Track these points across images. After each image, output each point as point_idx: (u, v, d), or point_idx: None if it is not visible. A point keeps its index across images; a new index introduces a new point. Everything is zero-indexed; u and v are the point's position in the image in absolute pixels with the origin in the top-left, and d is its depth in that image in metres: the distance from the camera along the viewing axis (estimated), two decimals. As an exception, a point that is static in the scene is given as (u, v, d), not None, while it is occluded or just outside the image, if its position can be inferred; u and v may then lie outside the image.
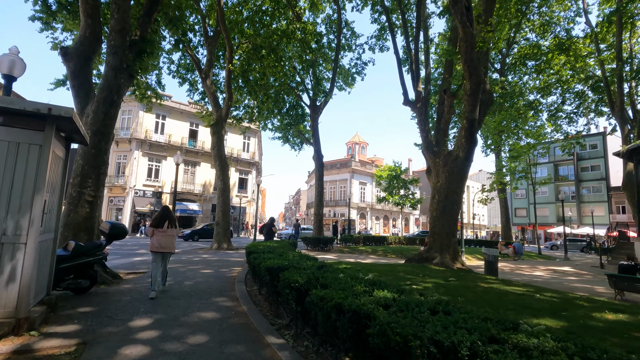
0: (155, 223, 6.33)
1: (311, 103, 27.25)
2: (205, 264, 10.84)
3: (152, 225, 6.33)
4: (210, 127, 17.52)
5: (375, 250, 18.85)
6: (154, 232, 6.25)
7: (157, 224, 6.30)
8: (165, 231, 6.28)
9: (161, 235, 6.24)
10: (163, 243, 6.23)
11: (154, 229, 6.26)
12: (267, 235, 15.17)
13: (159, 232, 6.23)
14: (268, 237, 15.06)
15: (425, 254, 10.70)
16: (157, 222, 6.33)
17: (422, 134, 19.50)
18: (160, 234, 6.23)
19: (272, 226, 15.60)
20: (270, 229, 15.38)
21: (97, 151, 7.40)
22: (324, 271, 4.58)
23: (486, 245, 27.64)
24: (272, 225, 15.63)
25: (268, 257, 5.87)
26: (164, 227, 6.28)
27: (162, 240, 6.23)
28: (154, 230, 6.25)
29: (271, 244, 9.12)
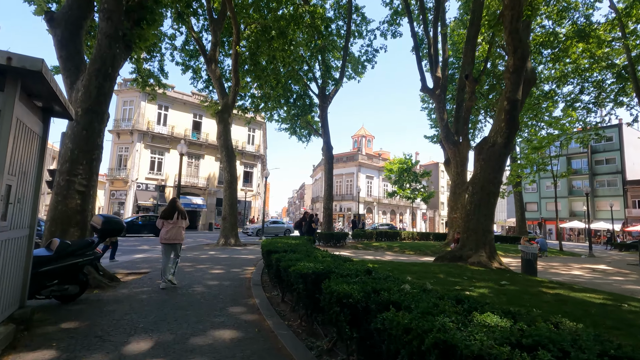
0: (165, 214, 6.42)
1: (320, 92, 26.05)
2: (213, 262, 9.81)
3: (161, 217, 6.42)
4: (216, 114, 16.40)
5: (391, 246, 17.79)
6: (164, 223, 6.35)
7: (167, 215, 6.40)
8: (175, 222, 6.41)
9: (171, 227, 6.35)
10: (172, 234, 6.36)
11: (164, 221, 6.37)
12: (308, 233, 13.35)
13: (168, 224, 6.35)
14: (309, 234, 13.31)
15: (458, 251, 9.59)
16: (166, 214, 6.43)
17: (440, 123, 18.33)
18: (169, 226, 6.35)
19: (313, 222, 13.77)
20: (311, 225, 13.58)
21: (90, 132, 6.31)
22: (376, 278, 3.50)
23: (502, 241, 26.52)
24: (313, 221, 13.79)
25: (295, 259, 4.80)
26: (174, 218, 6.40)
27: (171, 231, 6.35)
28: (164, 222, 6.36)
29: (289, 240, 8.06)
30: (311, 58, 23.80)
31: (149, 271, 7.92)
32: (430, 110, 32.45)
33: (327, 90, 26.24)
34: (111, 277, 6.68)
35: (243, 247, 14.64)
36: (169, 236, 6.31)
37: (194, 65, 20.53)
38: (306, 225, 13.65)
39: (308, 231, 13.47)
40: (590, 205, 47.61)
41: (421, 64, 18.90)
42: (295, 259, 4.82)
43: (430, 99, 19.03)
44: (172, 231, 6.33)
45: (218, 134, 16.26)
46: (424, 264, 9.13)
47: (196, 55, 20.04)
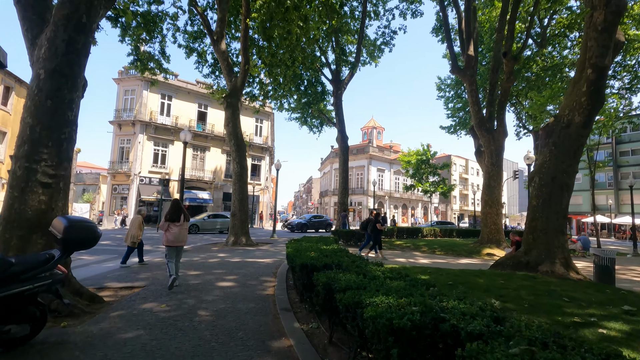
0: (172, 217, 6.25)
1: (334, 77, 24.20)
2: (224, 268, 8.15)
3: (168, 220, 6.22)
4: (224, 99, 14.67)
5: (417, 245, 16.03)
6: (170, 226, 6.20)
7: (174, 217, 6.25)
8: (181, 224, 6.29)
9: (177, 229, 6.22)
10: (179, 237, 6.24)
11: (170, 223, 6.21)
12: (375, 234, 11.35)
13: (175, 226, 6.21)
14: (375, 238, 11.38)
15: (523, 257, 7.81)
16: (173, 216, 6.26)
17: (472, 108, 16.39)
18: (176, 228, 6.21)
19: (378, 221, 11.49)
20: (375, 226, 11.34)
21: (57, 103, 4.62)
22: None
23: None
24: (378, 221, 11.48)
25: (357, 285, 3.11)
26: (181, 220, 6.28)
27: (178, 234, 6.22)
28: (170, 225, 6.21)
29: (319, 244, 6.35)
30: (325, 40, 21.90)
31: (146, 285, 6.27)
32: (447, 99, 30.51)
33: (341, 75, 24.41)
34: (91, 298, 5.04)
35: (256, 248, 12.99)
36: (175, 238, 6.16)
37: (199, 48, 18.80)
38: (371, 226, 11.50)
39: (374, 232, 11.32)
40: (615, 199, 45.39)
41: (451, 42, 16.95)
42: (357, 285, 3.12)
43: (462, 80, 17.01)
44: (179, 233, 6.20)
45: (226, 120, 14.53)
46: (482, 272, 7.39)
47: (201, 37, 18.29)
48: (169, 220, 6.18)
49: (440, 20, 24.34)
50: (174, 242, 6.13)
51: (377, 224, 11.31)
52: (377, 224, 11.30)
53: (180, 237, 6.23)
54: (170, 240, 6.12)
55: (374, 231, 11.32)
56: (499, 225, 15.71)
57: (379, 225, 11.36)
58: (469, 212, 70.06)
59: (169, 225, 6.16)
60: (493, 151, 15.97)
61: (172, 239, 6.12)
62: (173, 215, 6.21)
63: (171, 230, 6.14)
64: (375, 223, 11.31)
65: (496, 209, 15.79)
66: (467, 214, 69.14)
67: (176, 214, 6.23)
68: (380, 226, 11.45)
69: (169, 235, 6.13)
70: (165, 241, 6.14)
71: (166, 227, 6.17)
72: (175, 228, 6.16)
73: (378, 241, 11.55)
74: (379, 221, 11.40)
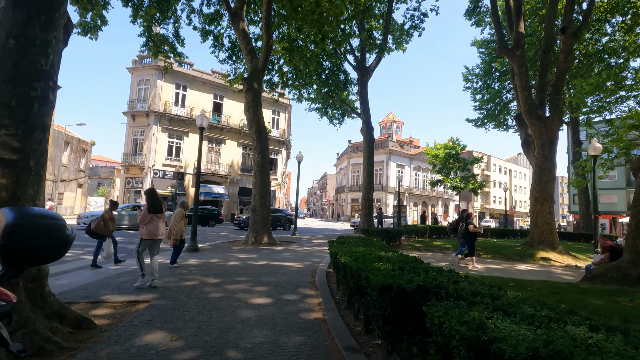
0: (156, 208, 5.77)
1: (358, 64, 22.50)
2: (249, 275, 6.69)
3: (152, 211, 5.71)
4: (244, 81, 13.22)
5: (458, 246, 14.28)
6: (152, 218, 5.71)
7: (156, 208, 5.76)
8: (163, 216, 5.90)
9: (160, 221, 5.80)
10: (161, 229, 5.86)
11: (153, 215, 5.72)
12: (468, 239, 9.47)
13: (157, 218, 5.77)
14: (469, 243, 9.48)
15: (633, 268, 6.07)
16: (157, 207, 5.78)
17: (521, 93, 14.46)
18: (158, 220, 5.78)
19: (470, 223, 9.63)
20: (467, 229, 9.50)
21: (24, 44, 3.18)
22: None
23: (567, 238, 22.57)
24: (470, 222, 9.63)
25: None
26: (163, 212, 5.88)
27: (160, 226, 5.81)
28: (153, 217, 5.71)
29: (383, 252, 4.78)
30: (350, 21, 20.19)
31: (153, 298, 4.84)
32: (474, 90, 28.47)
33: (365, 62, 22.70)
34: (77, 323, 3.61)
35: (281, 248, 11.51)
36: (158, 231, 5.78)
37: (215, 30, 17.40)
38: (462, 228, 9.62)
39: (468, 236, 9.48)
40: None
41: (498, 16, 15.02)
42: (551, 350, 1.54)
43: (510, 61, 15.08)
44: (160, 225, 5.84)
45: (246, 105, 13.07)
46: (587, 290, 5.71)
47: (217, 19, 16.88)
48: (153, 212, 5.73)
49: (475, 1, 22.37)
50: (156, 235, 5.74)
51: (470, 225, 9.45)
52: (470, 226, 9.43)
53: (162, 230, 5.89)
54: (152, 232, 5.70)
55: (467, 235, 9.43)
56: (552, 226, 13.85)
57: (472, 228, 9.42)
58: (491, 211, 67.40)
59: (152, 217, 5.72)
60: (545, 142, 14.05)
61: (155, 231, 5.73)
62: (156, 206, 5.77)
63: (154, 222, 5.74)
64: (467, 225, 9.46)
65: (549, 206, 13.91)
66: (489, 212, 66.50)
67: (157, 204, 5.79)
68: (474, 228, 9.47)
69: (151, 227, 5.71)
70: (147, 234, 5.67)
71: (149, 219, 5.70)
72: (158, 220, 5.79)
73: (472, 247, 9.54)
74: (471, 222, 9.54)
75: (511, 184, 70.67)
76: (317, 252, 10.76)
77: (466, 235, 9.43)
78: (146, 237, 5.67)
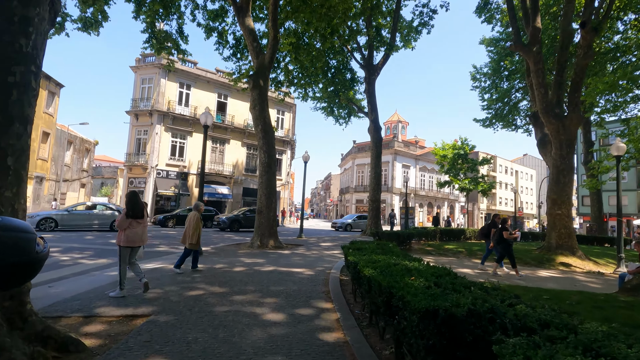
0: (136, 212, 5.32)
1: (366, 62, 22.01)
2: (257, 283, 6.19)
3: (131, 216, 5.27)
4: (250, 78, 12.75)
5: (473, 251, 13.73)
6: (132, 223, 5.27)
7: (137, 213, 5.32)
8: (144, 221, 5.47)
9: (140, 227, 5.38)
10: (143, 235, 5.44)
11: (133, 220, 5.27)
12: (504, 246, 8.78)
13: (138, 224, 5.33)
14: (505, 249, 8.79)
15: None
16: (138, 212, 5.33)
17: (538, 91, 13.89)
18: (139, 225, 5.35)
19: (505, 229, 8.90)
20: (502, 235, 8.77)
21: None
22: None
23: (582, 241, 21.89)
24: (505, 228, 8.90)
25: None
26: (145, 217, 5.47)
27: (141, 231, 5.38)
28: (132, 222, 5.27)
29: (418, 264, 4.25)
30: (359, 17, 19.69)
31: (153, 312, 4.36)
32: (483, 89, 27.86)
33: (373, 60, 22.19)
34: (63, 345, 3.12)
35: (288, 252, 11.00)
36: (138, 238, 5.36)
37: (219, 27, 16.98)
38: (497, 234, 8.94)
39: (500, 242, 8.77)
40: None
41: (513, 10, 14.45)
42: None
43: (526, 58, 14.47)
44: (142, 231, 5.43)
45: (252, 103, 12.59)
46: (632, 305, 5.15)
47: (222, 15, 16.45)
48: (132, 216, 5.27)
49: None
50: (135, 241, 5.28)
51: (504, 231, 8.79)
52: (504, 232, 8.78)
53: (144, 236, 5.46)
54: (131, 239, 5.24)
55: (501, 241, 8.75)
56: (570, 229, 13.27)
57: (506, 234, 8.73)
58: (496, 212, 66.61)
59: (131, 223, 5.27)
60: (563, 141, 13.47)
61: (134, 238, 5.28)
62: (136, 211, 5.33)
63: (133, 228, 5.27)
64: (502, 231, 8.82)
65: (567, 209, 13.34)
66: (494, 214, 65.61)
67: (139, 208, 5.36)
68: (509, 235, 8.77)
69: (130, 233, 5.24)
70: (125, 241, 5.20)
71: (127, 225, 5.24)
72: (139, 226, 5.35)
73: (506, 254, 8.86)
74: (506, 228, 8.88)
75: (517, 185, 69.75)
76: (326, 257, 10.25)
77: (500, 242, 8.77)
78: (124, 244, 5.20)
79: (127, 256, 5.25)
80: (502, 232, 8.79)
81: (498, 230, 8.98)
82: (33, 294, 5.31)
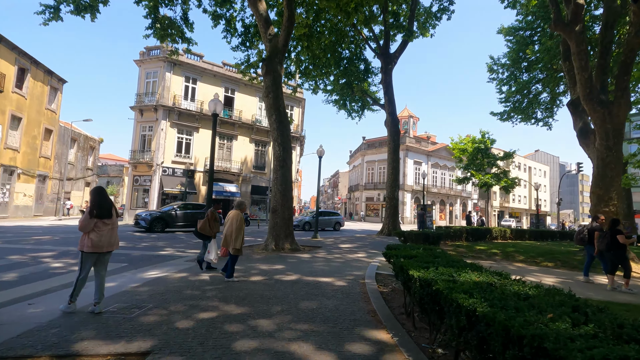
0: (102, 212, 4.32)
1: (382, 51, 20.72)
2: (280, 300, 5.02)
3: (96, 215, 4.27)
4: (263, 63, 11.56)
5: (508, 252, 12.43)
6: (97, 224, 4.29)
7: (103, 212, 4.34)
8: (113, 222, 4.47)
9: (107, 229, 4.37)
10: (112, 239, 4.44)
11: (99, 221, 4.30)
12: (618, 253, 7.27)
13: (104, 225, 4.35)
14: (619, 257, 7.29)
15: None
16: (103, 210, 4.34)
17: (580, 75, 12.49)
18: (105, 227, 4.35)
19: (619, 232, 7.36)
20: (616, 239, 7.26)
21: None
22: None
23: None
24: (619, 231, 7.36)
25: None
26: (113, 217, 4.46)
27: (109, 235, 4.39)
28: (98, 223, 4.29)
29: (532, 290, 3.04)
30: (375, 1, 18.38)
31: (152, 348, 3.20)
32: (500, 81, 26.36)
33: (389, 48, 20.90)
34: None
35: (309, 256, 9.80)
36: (106, 242, 4.33)
37: (227, 14, 15.84)
38: (606, 238, 7.31)
39: (612, 247, 7.28)
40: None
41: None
42: None
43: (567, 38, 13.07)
44: (109, 235, 4.39)
45: (265, 91, 11.40)
46: None
47: (229, 0, 15.31)
48: (97, 216, 4.29)
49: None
50: (103, 246, 4.33)
51: (619, 235, 7.27)
52: (619, 236, 7.25)
53: (113, 239, 4.48)
54: (97, 244, 4.26)
55: (614, 247, 7.23)
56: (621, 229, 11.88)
57: (621, 238, 7.21)
58: (510, 209, 64.75)
59: (97, 224, 4.30)
60: (610, 131, 12.08)
61: (101, 242, 4.30)
62: (102, 210, 4.35)
63: (99, 231, 4.31)
64: (616, 234, 7.30)
65: (615, 207, 11.96)
66: (508, 210, 63.88)
67: (106, 207, 4.40)
68: (624, 239, 7.25)
69: (95, 237, 4.26)
70: (90, 246, 4.22)
71: (92, 226, 4.27)
72: (106, 228, 4.38)
73: (620, 263, 7.38)
74: (620, 231, 7.35)
75: (530, 181, 67.82)
76: (352, 262, 9.05)
77: (612, 247, 7.27)
78: (88, 249, 4.24)
79: (91, 265, 4.33)
80: (615, 235, 7.27)
81: (607, 234, 7.46)
82: (6, 316, 4.21)
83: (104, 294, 4.44)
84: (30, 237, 12.26)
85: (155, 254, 9.54)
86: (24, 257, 8.26)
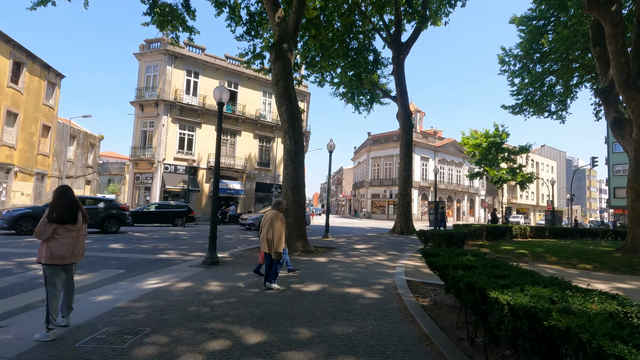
0: (62, 215, 3.51)
1: (393, 40, 19.70)
2: (305, 321, 4.14)
3: (55, 220, 3.46)
4: (271, 48, 10.61)
5: (536, 253, 11.50)
6: (57, 231, 3.48)
7: (66, 217, 3.53)
8: (79, 229, 3.67)
9: (70, 237, 3.56)
10: (75, 249, 3.61)
11: (59, 226, 3.49)
12: None
13: (67, 232, 3.54)
14: None
15: None
16: (65, 214, 3.53)
17: (617, 60, 11.48)
18: (68, 235, 3.54)
19: None
20: None
21: None
22: None
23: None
24: None
25: None
26: (78, 222, 3.65)
27: (73, 244, 3.58)
28: (58, 229, 3.49)
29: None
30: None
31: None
32: (512, 73, 25.30)
33: (400, 37, 19.89)
34: None
35: (324, 259, 8.89)
36: (69, 252, 3.52)
37: (231, 1, 14.88)
38: None
39: None
40: None
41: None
42: None
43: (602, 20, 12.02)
44: (73, 243, 3.57)
45: (274, 79, 10.46)
46: None
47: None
48: (57, 220, 3.49)
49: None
50: (65, 257, 3.52)
51: None
52: None
53: (77, 249, 3.66)
54: (58, 254, 3.47)
55: None
56: (661, 226, 10.94)
57: None
58: (518, 205, 63.58)
59: (56, 230, 3.50)
60: (650, 119, 11.09)
61: (62, 252, 3.49)
62: (65, 213, 3.54)
63: (60, 239, 3.51)
64: None
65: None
66: (516, 207, 62.72)
67: (71, 210, 3.60)
68: None
69: (56, 246, 3.47)
70: (48, 257, 3.43)
71: (50, 233, 3.48)
72: (68, 235, 3.57)
73: None
74: None
75: (538, 176, 66.58)
76: (374, 266, 8.14)
77: None
78: (47, 261, 3.44)
79: (57, 279, 3.52)
80: None
81: None
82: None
83: (72, 307, 3.72)
84: (23, 239, 11.42)
85: (156, 258, 8.67)
86: (9, 263, 7.41)
